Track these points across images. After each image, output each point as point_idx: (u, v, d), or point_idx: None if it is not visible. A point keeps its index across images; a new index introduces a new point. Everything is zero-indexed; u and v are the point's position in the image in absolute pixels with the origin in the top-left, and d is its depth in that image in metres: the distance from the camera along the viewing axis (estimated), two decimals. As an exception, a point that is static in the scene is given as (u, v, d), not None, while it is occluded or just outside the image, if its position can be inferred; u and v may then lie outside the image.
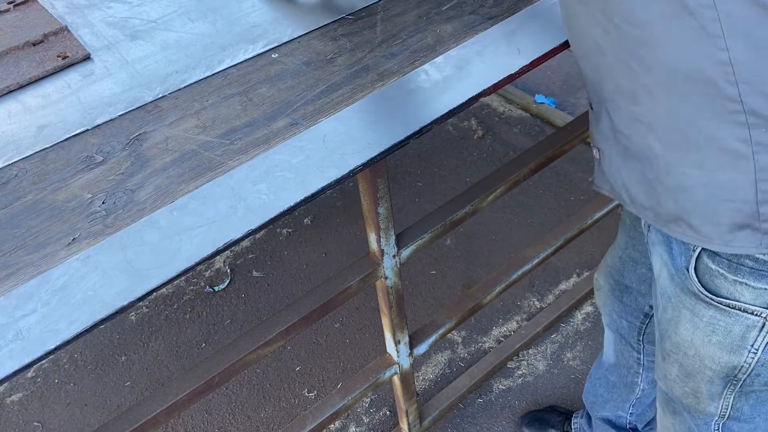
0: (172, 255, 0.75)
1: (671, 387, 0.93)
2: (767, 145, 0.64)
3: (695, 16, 0.61)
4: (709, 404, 0.88)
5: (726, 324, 0.78)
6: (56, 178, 0.88)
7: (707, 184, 0.69)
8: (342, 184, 0.85)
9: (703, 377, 0.85)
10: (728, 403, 0.86)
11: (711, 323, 0.79)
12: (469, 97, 0.92)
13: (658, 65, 0.66)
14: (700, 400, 0.89)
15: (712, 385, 0.85)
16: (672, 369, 0.90)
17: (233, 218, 0.79)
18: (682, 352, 0.86)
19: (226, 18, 1.15)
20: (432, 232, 1.18)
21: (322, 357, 1.82)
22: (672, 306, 0.85)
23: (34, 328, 0.70)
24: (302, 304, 1.10)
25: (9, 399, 1.82)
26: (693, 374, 0.87)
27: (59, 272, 0.75)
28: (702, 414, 0.90)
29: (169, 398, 1.00)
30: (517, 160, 1.28)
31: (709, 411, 0.89)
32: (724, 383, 0.84)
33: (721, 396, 0.86)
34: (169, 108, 0.97)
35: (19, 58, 1.09)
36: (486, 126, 2.44)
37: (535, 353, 1.76)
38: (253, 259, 2.10)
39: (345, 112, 0.92)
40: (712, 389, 0.86)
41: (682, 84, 0.65)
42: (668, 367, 0.91)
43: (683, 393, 0.91)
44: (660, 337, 0.92)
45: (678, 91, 0.66)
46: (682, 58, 0.64)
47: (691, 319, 0.82)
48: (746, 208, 0.67)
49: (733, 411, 0.87)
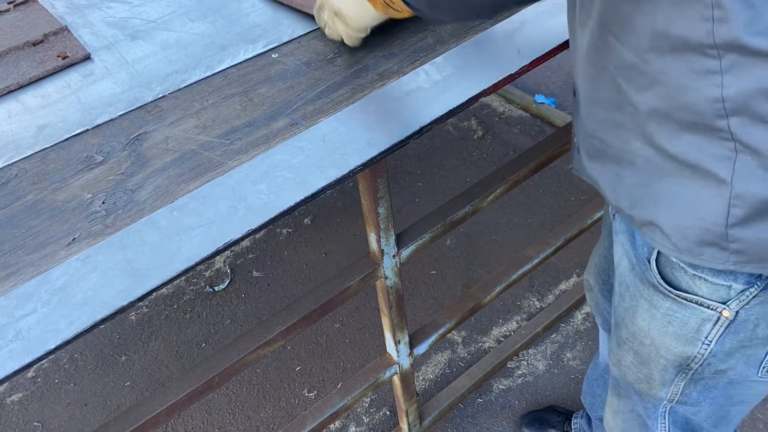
0: (172, 255, 0.75)
1: (624, 373, 0.96)
2: (746, 174, 0.65)
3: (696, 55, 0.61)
4: (660, 390, 0.91)
5: (682, 316, 0.80)
6: (56, 178, 0.88)
7: (689, 199, 0.70)
8: (342, 184, 0.85)
9: (657, 365, 0.88)
10: (678, 389, 0.89)
11: (668, 314, 0.81)
12: (469, 97, 0.92)
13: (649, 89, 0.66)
14: (652, 386, 0.91)
15: (665, 373, 0.88)
16: (627, 356, 0.93)
17: (233, 218, 0.79)
18: (638, 341, 0.88)
19: (226, 18, 1.15)
20: (432, 232, 1.18)
21: (322, 357, 1.82)
22: (630, 295, 0.87)
23: (34, 328, 0.70)
24: (302, 304, 1.10)
25: (9, 399, 1.82)
26: (647, 362, 0.89)
27: (59, 272, 0.75)
28: (652, 398, 0.94)
29: (169, 398, 1.00)
30: (517, 160, 1.28)
31: (660, 396, 0.92)
32: (677, 371, 0.86)
33: (672, 383, 0.89)
34: (169, 108, 0.97)
35: (19, 58, 1.09)
36: (486, 126, 2.44)
37: (535, 353, 1.76)
38: (253, 259, 2.10)
39: (345, 112, 0.92)
40: (665, 376, 0.88)
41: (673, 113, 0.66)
42: (623, 354, 0.94)
43: (636, 379, 0.93)
44: (616, 324, 0.94)
45: (668, 117, 0.66)
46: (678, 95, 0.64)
47: (649, 309, 0.83)
48: (716, 229, 0.69)
49: (681, 396, 0.90)
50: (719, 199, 0.67)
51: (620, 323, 0.92)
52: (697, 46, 0.60)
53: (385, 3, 0.83)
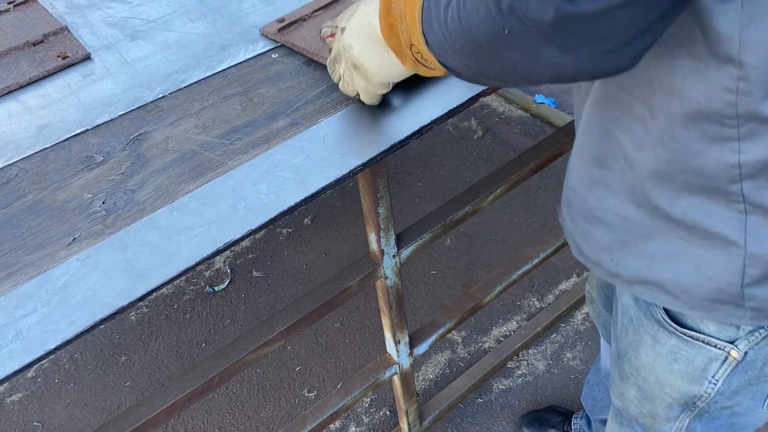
0: (172, 255, 0.75)
1: (627, 406, 0.93)
2: (759, 235, 0.63)
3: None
4: (665, 425, 0.89)
5: (688, 354, 0.77)
6: (56, 178, 0.88)
7: (693, 259, 0.68)
8: (342, 184, 0.85)
9: (662, 402, 0.85)
10: (683, 425, 0.87)
11: (673, 351, 0.79)
12: (469, 97, 0.92)
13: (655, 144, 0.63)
14: (656, 421, 0.89)
15: (670, 410, 0.86)
16: (630, 390, 0.90)
17: (233, 218, 0.79)
18: (642, 377, 0.86)
19: (226, 18, 1.15)
20: (432, 232, 1.18)
21: (322, 357, 1.82)
22: (633, 328, 0.84)
23: (34, 328, 0.70)
24: (302, 304, 1.10)
25: (9, 399, 1.82)
26: (651, 399, 0.87)
27: (59, 272, 0.75)
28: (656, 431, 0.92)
29: (169, 398, 1.00)
30: (517, 160, 1.28)
31: (664, 430, 0.90)
32: (682, 408, 0.84)
33: (677, 419, 0.86)
34: (169, 108, 0.97)
35: (19, 58, 1.09)
36: (486, 126, 2.44)
37: (535, 353, 1.76)
38: (253, 259, 2.10)
39: (345, 112, 0.92)
40: (670, 413, 0.86)
41: (677, 175, 0.63)
42: (626, 388, 0.91)
43: (640, 413, 0.91)
44: (618, 356, 0.91)
45: (671, 178, 0.64)
46: (687, 159, 0.61)
47: (653, 345, 0.81)
48: (731, 289, 0.67)
49: (686, 430, 0.88)
50: (733, 261, 0.65)
51: (623, 356, 0.89)
52: (715, 115, 0.57)
53: (415, 60, 0.69)
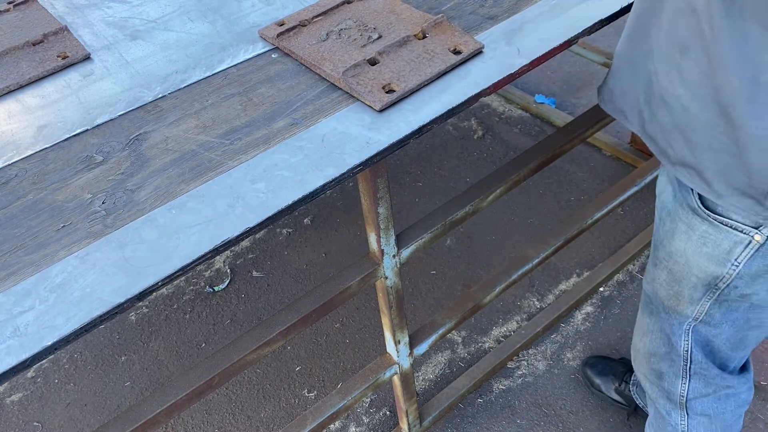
0: (169, 253, 0.75)
1: (657, 290, 1.05)
2: None
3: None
4: (687, 307, 1.00)
5: (716, 238, 0.88)
6: (56, 178, 0.88)
7: (734, 155, 0.77)
8: (342, 183, 0.85)
9: (689, 282, 0.96)
10: (704, 309, 0.98)
11: (703, 236, 0.89)
12: (469, 97, 0.92)
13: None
14: (681, 302, 1.00)
15: (694, 291, 0.96)
16: (661, 274, 1.02)
17: (231, 216, 0.79)
18: (673, 259, 0.97)
19: (226, 18, 1.15)
20: (432, 232, 1.18)
21: (322, 357, 1.82)
22: (671, 219, 0.95)
23: (31, 325, 0.70)
24: (302, 304, 1.10)
25: (9, 399, 1.82)
26: (680, 279, 0.98)
27: (57, 269, 0.75)
28: (679, 315, 1.02)
29: (169, 398, 1.00)
30: (517, 160, 1.28)
31: (686, 313, 1.01)
32: (705, 290, 0.95)
33: (699, 301, 0.97)
34: (169, 108, 0.97)
35: (19, 58, 1.09)
36: (486, 126, 2.44)
37: (535, 353, 1.76)
38: (253, 259, 2.10)
39: (344, 112, 0.92)
40: (694, 294, 0.97)
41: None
42: (658, 273, 1.03)
43: (667, 295, 1.02)
44: (654, 246, 1.03)
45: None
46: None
47: (686, 231, 0.92)
48: (761, 186, 0.78)
49: (706, 316, 0.99)
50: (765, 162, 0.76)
51: (659, 245, 1.01)
52: None
53: None
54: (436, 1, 1.12)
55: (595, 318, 1.81)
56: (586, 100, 2.44)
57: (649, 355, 1.16)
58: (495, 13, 1.07)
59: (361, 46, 1.00)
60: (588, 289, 1.82)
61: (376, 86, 0.92)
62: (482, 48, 0.98)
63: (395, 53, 0.98)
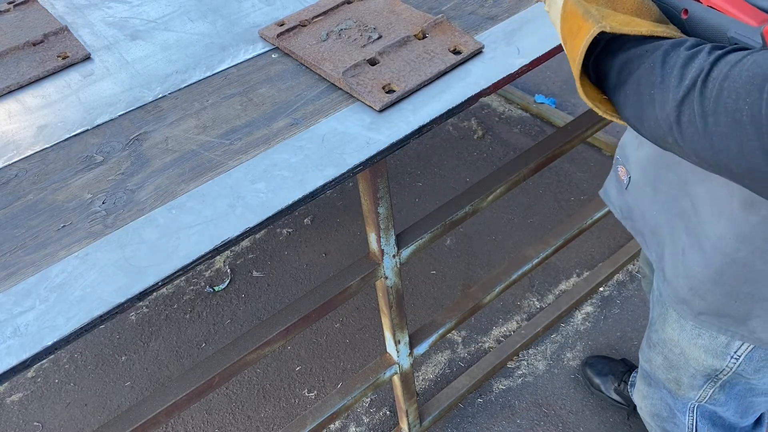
0: (169, 253, 0.75)
1: (655, 371, 0.99)
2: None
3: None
4: (689, 392, 0.94)
5: (711, 331, 0.80)
6: (56, 178, 0.88)
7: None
8: (342, 183, 0.85)
9: (686, 372, 0.90)
10: (707, 394, 0.92)
11: (697, 327, 0.82)
12: (469, 97, 0.92)
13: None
14: (681, 387, 0.94)
15: (694, 380, 0.90)
16: (657, 358, 0.96)
17: (231, 216, 0.79)
18: (668, 348, 0.91)
19: (226, 18, 1.15)
20: (432, 232, 1.18)
21: (322, 357, 1.81)
22: (660, 304, 0.88)
23: (32, 325, 0.70)
24: (302, 304, 1.10)
25: (9, 399, 1.82)
26: (677, 368, 0.92)
27: (58, 269, 0.75)
28: (681, 397, 0.97)
29: (169, 398, 1.00)
30: (517, 160, 1.28)
31: (688, 396, 0.95)
32: (705, 380, 0.88)
33: (701, 388, 0.91)
34: (169, 108, 0.97)
35: (19, 58, 1.09)
36: (486, 126, 2.44)
37: (535, 353, 1.76)
38: (253, 259, 2.10)
39: (344, 112, 0.92)
40: (694, 382, 0.91)
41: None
42: (654, 356, 0.97)
43: (666, 379, 0.97)
44: (650, 323, 0.96)
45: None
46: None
47: (678, 320, 0.84)
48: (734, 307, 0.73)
49: (710, 399, 0.93)
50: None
51: (652, 326, 0.94)
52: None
53: (599, 100, 0.63)
54: (436, 1, 1.12)
55: (595, 318, 1.81)
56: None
57: (653, 415, 1.11)
58: (495, 13, 1.07)
59: (361, 46, 1.00)
60: (588, 289, 1.82)
61: (376, 86, 0.92)
62: (482, 48, 0.98)
63: (395, 53, 0.98)
